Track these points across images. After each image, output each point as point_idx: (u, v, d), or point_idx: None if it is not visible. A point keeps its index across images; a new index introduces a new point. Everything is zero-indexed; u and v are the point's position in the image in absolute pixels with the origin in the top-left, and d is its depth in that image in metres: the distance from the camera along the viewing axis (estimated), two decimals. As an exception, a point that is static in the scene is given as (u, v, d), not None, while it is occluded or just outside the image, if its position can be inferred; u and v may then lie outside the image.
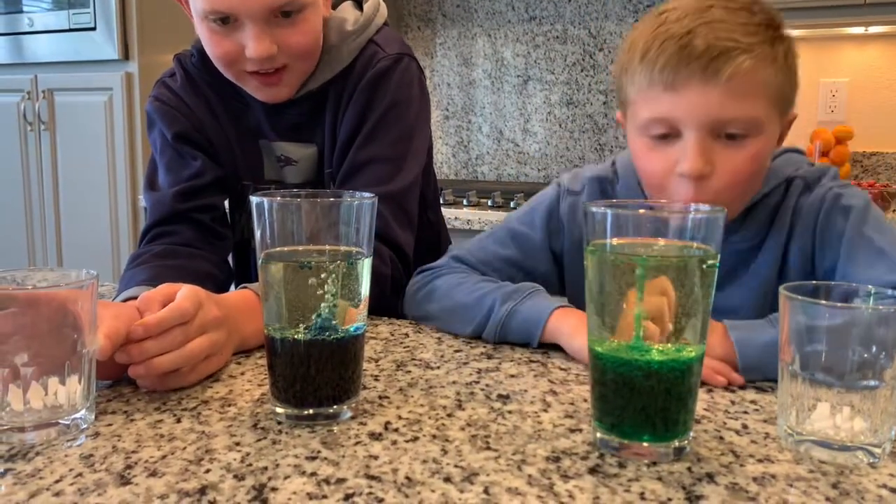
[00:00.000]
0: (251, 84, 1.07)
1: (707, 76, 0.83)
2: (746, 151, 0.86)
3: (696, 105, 0.84)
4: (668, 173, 0.88)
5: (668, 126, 0.87)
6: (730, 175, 0.86)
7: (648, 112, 0.88)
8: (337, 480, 0.56)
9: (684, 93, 0.85)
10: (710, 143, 0.85)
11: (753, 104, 0.85)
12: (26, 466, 0.58)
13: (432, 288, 1.00)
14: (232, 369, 0.81)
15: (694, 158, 0.85)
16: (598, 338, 0.62)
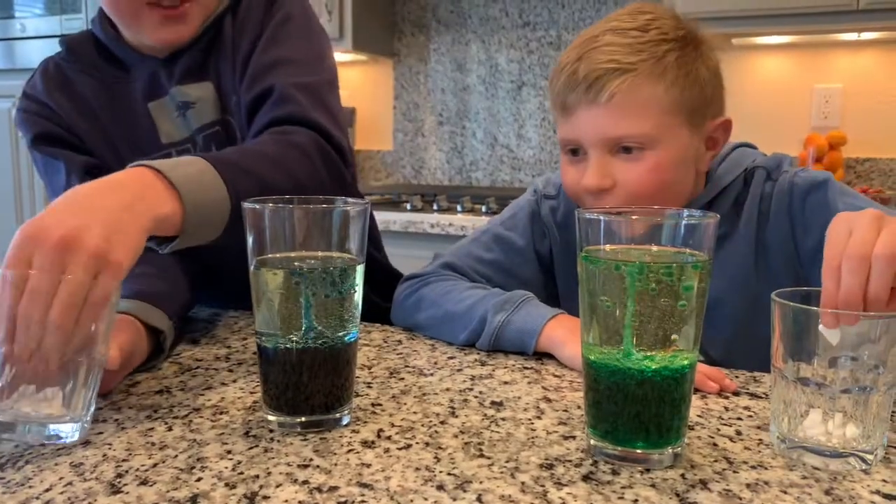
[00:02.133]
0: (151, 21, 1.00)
1: (589, 99, 0.91)
2: (645, 164, 0.91)
3: (585, 126, 0.92)
4: (578, 186, 0.95)
5: (573, 144, 0.95)
6: (632, 186, 0.92)
7: (560, 132, 0.97)
8: (329, 488, 0.56)
9: (575, 116, 0.93)
10: (609, 158, 0.93)
11: (641, 120, 0.90)
12: (16, 475, 0.58)
13: (421, 296, 1.00)
14: (224, 377, 0.81)
15: (591, 174, 0.92)
16: (592, 346, 0.61)
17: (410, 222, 2.29)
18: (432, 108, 3.05)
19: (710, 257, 0.59)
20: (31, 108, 1.08)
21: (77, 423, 0.64)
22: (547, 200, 1.10)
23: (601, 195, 0.93)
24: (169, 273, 0.97)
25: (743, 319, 0.99)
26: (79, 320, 0.62)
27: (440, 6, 2.98)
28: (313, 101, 1.00)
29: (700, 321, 0.60)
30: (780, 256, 0.97)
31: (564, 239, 1.07)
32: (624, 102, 0.89)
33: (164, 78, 1.07)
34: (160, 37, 1.02)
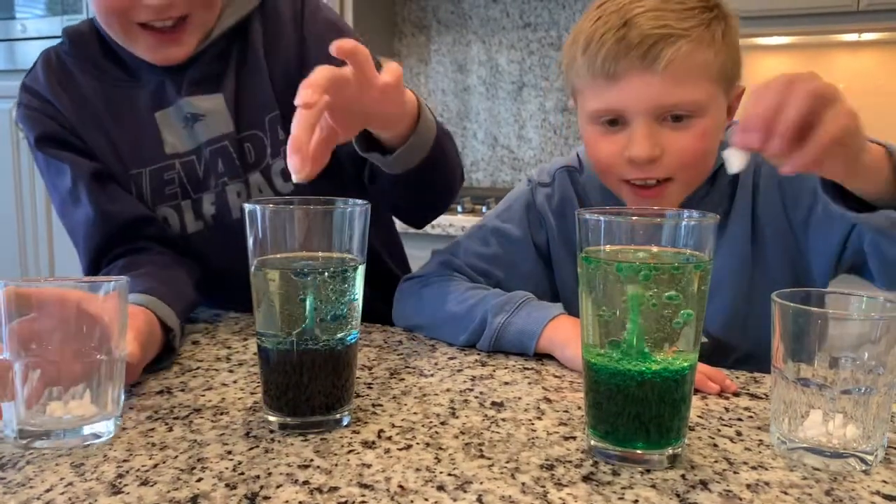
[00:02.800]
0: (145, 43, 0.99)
1: (645, 65, 0.86)
2: (693, 131, 0.89)
3: (638, 94, 0.88)
4: (618, 158, 0.91)
5: (614, 114, 0.91)
6: (679, 155, 0.89)
7: (595, 103, 0.92)
8: (330, 489, 0.56)
9: (625, 83, 0.88)
10: (657, 126, 0.89)
11: (694, 87, 0.87)
12: (16, 475, 0.58)
13: (421, 297, 1.00)
14: (224, 377, 0.81)
15: (642, 143, 0.88)
16: (592, 347, 0.61)
17: (411, 223, 2.29)
18: (433, 108, 3.04)
19: (710, 258, 0.59)
20: (33, 105, 1.05)
21: (109, 419, 0.64)
22: (542, 188, 1.08)
23: (648, 166, 0.89)
24: (175, 274, 0.98)
25: (742, 294, 0.97)
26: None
27: (441, 7, 2.98)
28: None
29: (700, 322, 0.60)
30: (773, 230, 0.96)
31: (560, 227, 1.06)
32: (681, 69, 0.86)
33: (172, 88, 1.04)
34: (156, 57, 1.01)
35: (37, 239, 2.82)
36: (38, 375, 0.62)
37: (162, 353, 0.84)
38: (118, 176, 1.05)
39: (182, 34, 0.99)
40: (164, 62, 1.02)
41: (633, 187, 0.92)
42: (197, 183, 1.05)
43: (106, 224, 1.01)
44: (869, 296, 0.65)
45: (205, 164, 1.05)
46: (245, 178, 1.05)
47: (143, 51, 1.00)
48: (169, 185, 1.05)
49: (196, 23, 0.99)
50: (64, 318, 0.62)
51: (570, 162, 1.10)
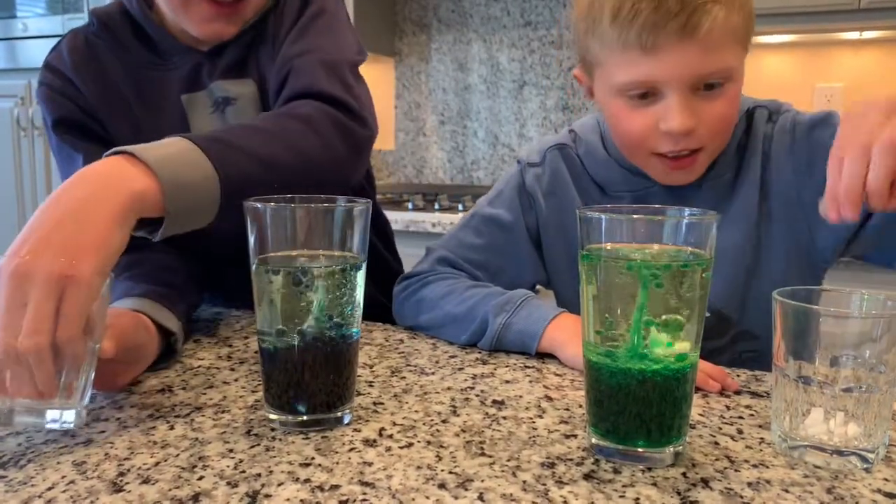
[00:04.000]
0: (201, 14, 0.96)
1: (685, 34, 0.83)
2: (726, 98, 0.87)
3: (676, 65, 0.85)
4: (652, 131, 0.89)
5: (648, 87, 0.88)
6: (714, 123, 0.88)
7: (626, 75, 0.88)
8: (331, 487, 0.56)
9: (664, 54, 0.85)
10: (691, 97, 0.87)
11: (728, 53, 0.86)
12: (18, 474, 0.58)
13: (421, 298, 0.99)
14: (226, 376, 0.81)
15: (680, 115, 0.86)
16: (592, 345, 0.61)
17: (412, 221, 2.29)
18: (434, 107, 3.05)
19: (711, 255, 0.59)
20: (55, 85, 1.02)
21: (72, 409, 0.64)
22: (531, 168, 1.06)
23: (684, 138, 0.87)
24: (176, 273, 0.97)
25: (748, 267, 0.95)
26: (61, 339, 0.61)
27: (441, 5, 2.98)
28: (329, 74, 0.96)
29: (701, 320, 0.60)
30: (782, 200, 0.94)
31: (551, 207, 1.03)
32: (717, 36, 0.83)
33: (206, 72, 1.03)
34: (205, 30, 0.99)
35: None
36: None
37: (162, 356, 0.84)
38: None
39: (240, 10, 0.98)
40: (212, 37, 1.00)
41: (666, 160, 0.91)
42: None
43: None
44: (870, 294, 0.65)
45: None
46: None
47: (194, 22, 0.98)
48: None
49: (254, 3, 1.00)
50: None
51: (562, 139, 1.07)
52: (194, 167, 0.75)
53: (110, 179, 0.70)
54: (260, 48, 1.05)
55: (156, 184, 0.71)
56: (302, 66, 0.96)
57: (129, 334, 0.75)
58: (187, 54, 1.03)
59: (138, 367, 0.79)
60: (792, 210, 0.93)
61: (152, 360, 0.81)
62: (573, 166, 1.04)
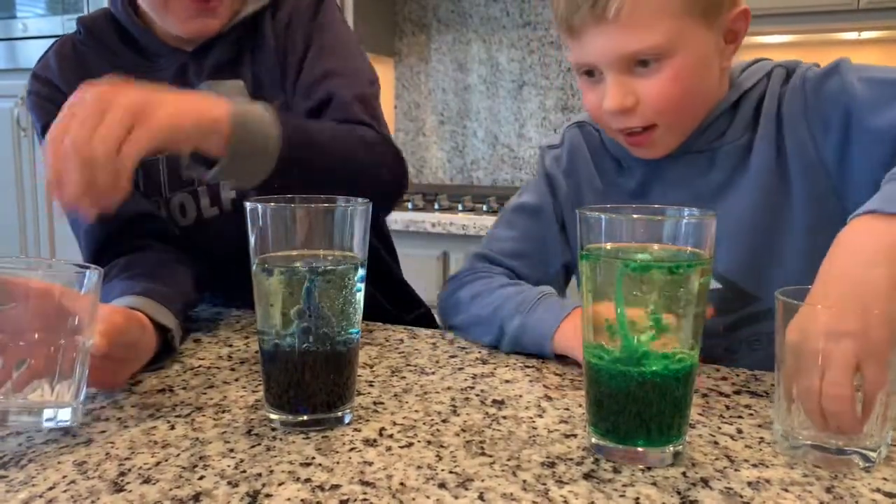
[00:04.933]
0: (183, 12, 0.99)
1: (596, 17, 0.84)
2: (665, 74, 0.85)
3: (597, 47, 0.86)
4: (600, 109, 0.90)
5: (586, 67, 0.90)
6: (655, 100, 0.86)
7: (571, 56, 0.91)
8: (331, 487, 0.56)
9: (585, 38, 0.87)
10: (627, 76, 0.87)
11: (653, 30, 0.84)
12: (19, 474, 0.58)
13: (457, 299, 0.99)
14: (226, 375, 0.81)
15: (611, 97, 0.87)
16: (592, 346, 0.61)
17: (412, 221, 2.29)
18: (433, 107, 3.05)
19: (711, 255, 0.59)
20: (43, 93, 1.04)
21: (68, 407, 0.64)
22: (550, 151, 1.06)
23: (625, 115, 0.88)
24: (175, 272, 0.97)
25: (762, 234, 0.92)
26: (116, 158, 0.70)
27: (441, 6, 2.98)
28: (369, 113, 1.02)
29: (701, 320, 0.60)
30: (799, 162, 0.89)
31: (571, 185, 1.03)
32: (633, 14, 0.83)
33: (193, 72, 1.04)
34: (189, 28, 1.00)
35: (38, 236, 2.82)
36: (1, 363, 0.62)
37: (161, 354, 0.84)
38: None
39: (219, 5, 0.99)
40: (196, 34, 1.01)
41: (623, 134, 0.91)
42: None
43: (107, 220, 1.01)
44: None
45: None
46: None
47: (177, 20, 1.00)
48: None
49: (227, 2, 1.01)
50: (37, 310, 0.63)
51: (582, 116, 1.07)
52: (264, 124, 0.85)
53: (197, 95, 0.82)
54: (255, 48, 1.05)
55: (228, 119, 0.80)
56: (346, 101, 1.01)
57: (121, 331, 0.75)
58: (173, 55, 1.04)
59: (134, 364, 0.79)
60: (812, 172, 0.89)
61: (149, 357, 0.81)
62: (592, 142, 1.04)
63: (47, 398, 0.63)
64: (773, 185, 0.91)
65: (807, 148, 0.89)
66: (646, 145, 0.91)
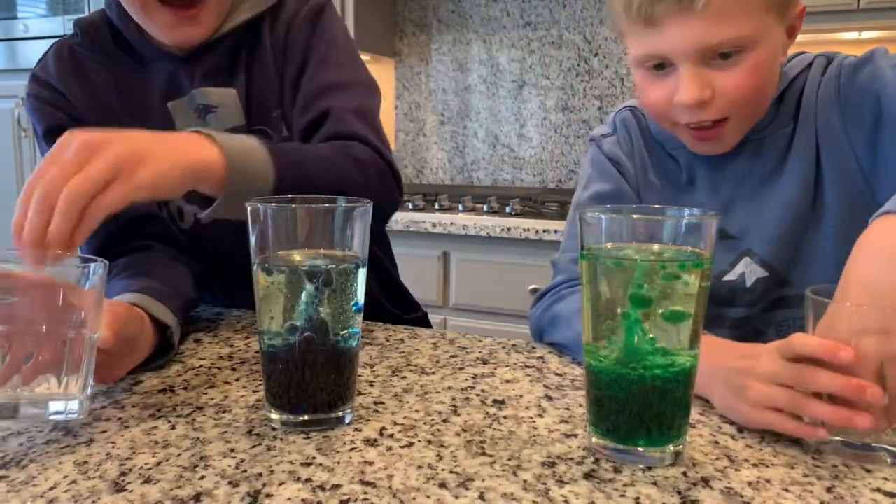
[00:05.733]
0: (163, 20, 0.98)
1: (683, 6, 0.82)
2: (744, 67, 0.85)
3: (678, 38, 0.84)
4: (669, 102, 0.88)
5: (658, 59, 0.87)
6: (732, 92, 0.85)
7: (638, 49, 0.89)
8: (332, 487, 0.56)
9: (664, 28, 0.84)
10: (704, 68, 0.85)
11: (739, 22, 0.83)
12: (20, 474, 0.58)
13: (555, 315, 0.95)
14: (227, 375, 0.81)
15: (689, 89, 0.85)
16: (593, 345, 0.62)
17: (412, 221, 2.29)
18: (434, 107, 3.05)
19: (711, 254, 0.59)
20: (43, 96, 1.04)
21: (75, 399, 0.65)
22: (605, 139, 1.05)
23: (700, 109, 0.86)
24: (174, 272, 0.98)
25: (805, 224, 0.92)
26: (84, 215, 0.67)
27: (441, 6, 2.98)
28: (367, 125, 1.01)
29: (701, 320, 0.60)
30: (833, 151, 0.90)
31: (637, 165, 1.02)
32: (722, 6, 0.81)
33: (184, 78, 1.04)
34: (172, 36, 1.00)
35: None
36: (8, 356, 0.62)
37: (159, 351, 0.84)
38: None
39: (200, 12, 0.99)
40: (181, 42, 1.01)
41: (690, 129, 0.90)
42: None
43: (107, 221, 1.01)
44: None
45: None
46: None
47: (161, 29, 1.00)
48: None
49: (213, 4, 1.00)
50: (44, 303, 0.63)
51: (628, 102, 1.07)
52: (257, 161, 0.84)
53: (189, 142, 0.79)
54: (251, 56, 1.05)
55: (223, 160, 0.80)
56: (342, 115, 1.00)
57: (123, 324, 0.76)
58: (164, 60, 1.04)
59: (132, 358, 0.79)
60: (843, 159, 0.90)
61: (147, 352, 0.81)
62: (641, 125, 1.04)
63: (55, 391, 0.64)
64: (810, 171, 0.91)
65: (839, 135, 0.89)
66: (715, 139, 0.90)
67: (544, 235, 2.14)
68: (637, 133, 1.03)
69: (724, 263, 0.96)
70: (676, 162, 1.00)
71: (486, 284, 2.27)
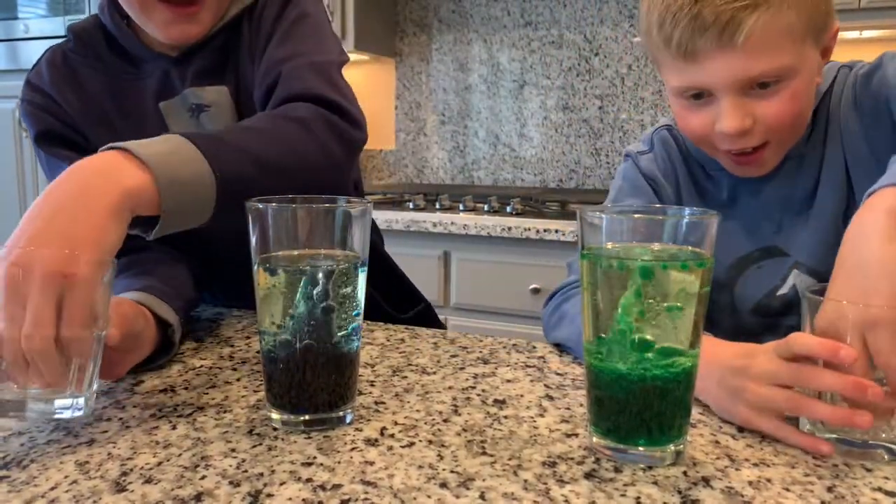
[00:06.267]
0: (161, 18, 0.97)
1: (724, 42, 0.83)
2: (783, 95, 0.86)
3: (719, 71, 0.85)
4: (709, 130, 0.90)
5: (698, 90, 0.89)
6: (773, 120, 0.87)
7: (677, 80, 0.90)
8: (333, 486, 0.56)
9: (705, 62, 0.86)
10: (744, 98, 0.87)
11: (778, 54, 0.84)
12: (21, 474, 0.58)
13: (562, 313, 0.96)
14: (227, 375, 0.81)
15: (731, 118, 0.86)
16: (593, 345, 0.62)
17: (413, 221, 2.29)
18: (434, 107, 3.05)
19: (711, 254, 0.59)
20: (35, 101, 1.05)
21: (81, 397, 0.65)
22: (643, 156, 1.05)
23: (741, 137, 0.88)
24: (174, 272, 0.98)
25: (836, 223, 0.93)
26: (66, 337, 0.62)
27: (442, 6, 2.98)
28: (319, 77, 0.96)
29: (701, 319, 0.60)
30: (854, 156, 0.92)
31: (672, 186, 1.03)
32: (761, 40, 0.83)
33: (177, 78, 1.04)
34: (169, 34, 1.00)
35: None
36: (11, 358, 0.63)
37: (161, 350, 0.84)
38: None
39: (199, 10, 0.98)
40: (178, 40, 1.01)
41: (731, 155, 0.91)
42: None
43: None
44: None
45: None
46: None
47: (158, 27, 0.99)
48: None
49: (212, 2, 0.99)
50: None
51: (667, 121, 1.07)
52: (190, 165, 0.75)
53: (104, 174, 0.69)
54: (238, 52, 1.05)
55: (151, 180, 0.71)
56: (292, 71, 0.96)
57: (129, 321, 0.76)
58: (157, 61, 1.04)
59: (135, 355, 0.79)
60: (869, 167, 0.91)
61: (150, 349, 0.82)
62: (680, 146, 1.04)
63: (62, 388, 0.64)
64: (842, 181, 0.93)
65: (860, 142, 0.91)
66: (755, 164, 0.92)
67: (545, 235, 2.14)
68: (676, 153, 1.04)
69: (776, 279, 0.98)
70: (717, 183, 1.01)
71: (487, 284, 2.27)
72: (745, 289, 0.99)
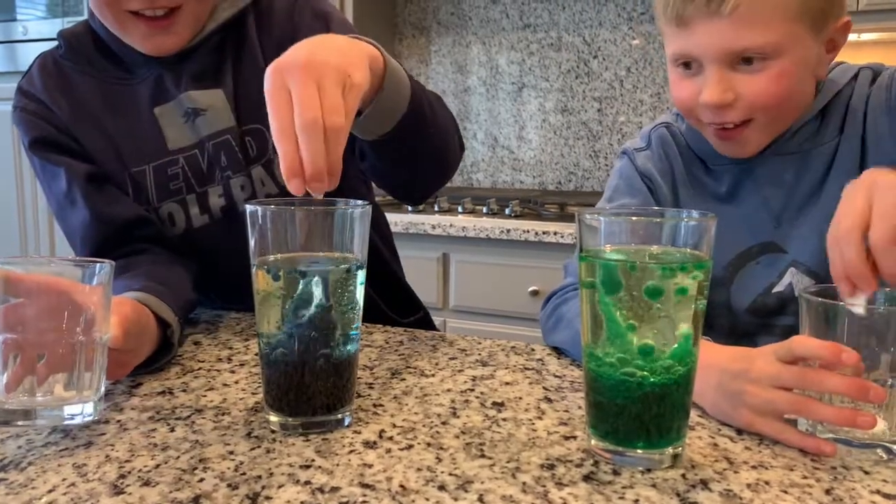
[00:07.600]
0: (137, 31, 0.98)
1: (711, 10, 0.85)
2: (768, 74, 0.87)
3: (705, 40, 0.87)
4: (695, 101, 0.91)
5: (687, 58, 0.91)
6: (754, 98, 0.88)
7: (670, 47, 0.93)
8: (331, 489, 0.56)
9: (693, 29, 0.88)
10: (729, 71, 0.88)
11: (766, 30, 0.85)
12: (19, 476, 0.58)
13: (559, 316, 0.96)
14: (226, 378, 0.81)
15: (711, 90, 0.88)
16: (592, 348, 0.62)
17: (412, 223, 2.29)
18: (433, 109, 3.05)
19: (710, 256, 0.59)
20: (28, 108, 1.05)
21: (89, 402, 0.65)
22: (639, 153, 1.06)
23: (721, 111, 0.89)
24: (173, 274, 0.98)
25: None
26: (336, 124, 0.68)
27: (441, 8, 2.98)
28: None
29: (700, 321, 0.60)
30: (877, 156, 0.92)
31: (668, 183, 1.04)
32: (749, 12, 0.84)
33: (171, 82, 1.04)
34: (148, 46, 1.00)
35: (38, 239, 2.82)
36: (19, 359, 0.63)
37: (160, 350, 0.84)
38: (117, 176, 1.04)
39: (173, 23, 0.98)
40: (157, 52, 1.01)
41: (714, 129, 0.92)
42: (201, 176, 1.04)
43: (102, 226, 1.01)
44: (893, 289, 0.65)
45: (208, 157, 1.04)
46: (248, 171, 1.04)
47: (136, 40, 1.00)
48: (173, 180, 1.04)
49: (188, 13, 0.99)
50: (52, 307, 0.64)
51: (664, 119, 1.08)
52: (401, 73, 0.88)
53: (359, 41, 0.80)
54: (238, 54, 1.05)
55: (381, 57, 0.82)
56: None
57: (131, 322, 0.76)
58: (150, 65, 1.04)
59: (137, 355, 0.79)
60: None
61: (151, 350, 0.82)
62: (679, 143, 1.05)
63: (68, 394, 0.64)
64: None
65: (887, 142, 0.91)
66: (736, 140, 0.92)
67: (544, 237, 2.14)
68: (675, 151, 1.04)
69: (773, 275, 0.97)
70: (717, 177, 1.00)
71: (486, 286, 2.27)
72: (742, 286, 0.99)
